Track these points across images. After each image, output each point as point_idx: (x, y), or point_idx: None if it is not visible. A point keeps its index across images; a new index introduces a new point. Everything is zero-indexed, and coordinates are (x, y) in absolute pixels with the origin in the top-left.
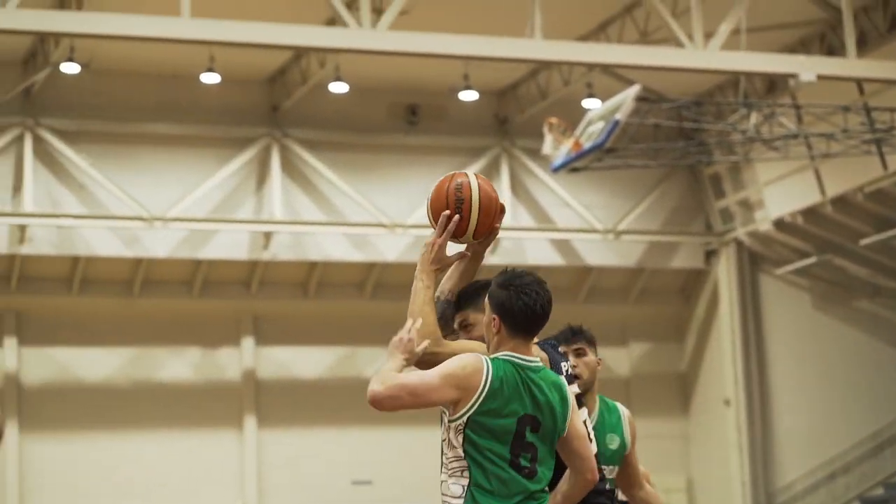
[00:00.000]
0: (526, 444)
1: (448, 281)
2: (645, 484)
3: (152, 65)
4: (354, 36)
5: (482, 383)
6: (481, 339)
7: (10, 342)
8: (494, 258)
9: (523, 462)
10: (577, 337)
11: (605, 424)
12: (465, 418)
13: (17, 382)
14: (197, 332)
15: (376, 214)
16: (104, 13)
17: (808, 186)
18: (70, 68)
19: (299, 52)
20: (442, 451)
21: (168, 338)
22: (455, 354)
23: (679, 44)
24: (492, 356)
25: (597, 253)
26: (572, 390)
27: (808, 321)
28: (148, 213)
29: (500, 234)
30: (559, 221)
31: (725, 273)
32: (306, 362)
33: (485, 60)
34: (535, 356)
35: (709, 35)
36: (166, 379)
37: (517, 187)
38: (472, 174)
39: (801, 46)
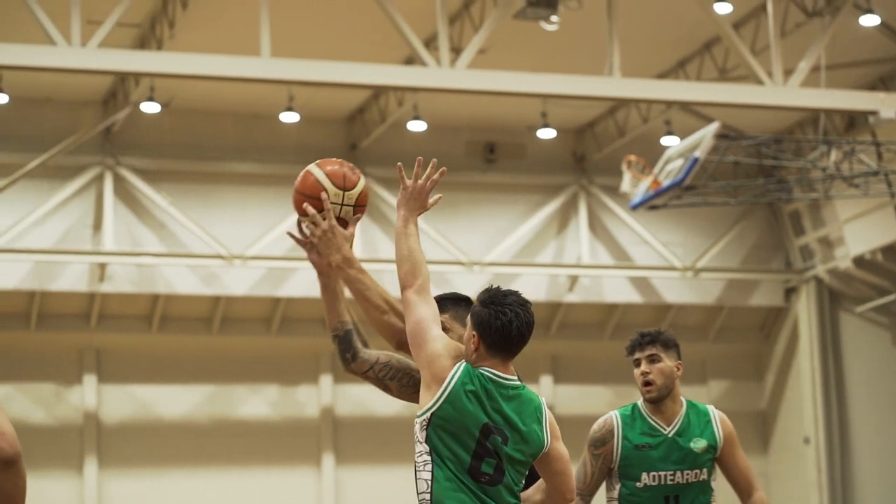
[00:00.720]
0: (490, 451)
1: (331, 316)
2: (757, 489)
3: (232, 104)
4: (433, 75)
5: (451, 377)
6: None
7: (90, 380)
8: (573, 296)
9: (485, 468)
10: (649, 342)
11: (691, 429)
12: (428, 415)
13: (96, 420)
14: (275, 369)
15: (454, 252)
16: (184, 53)
17: (888, 224)
18: (150, 108)
19: (378, 91)
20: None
21: (246, 375)
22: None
23: (758, 81)
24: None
25: (676, 290)
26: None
27: (889, 359)
28: (227, 251)
29: (580, 271)
30: (638, 259)
31: (805, 311)
32: (384, 399)
33: (563, 98)
34: (514, 375)
35: (788, 72)
36: (245, 416)
37: (595, 225)
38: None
39: (880, 83)
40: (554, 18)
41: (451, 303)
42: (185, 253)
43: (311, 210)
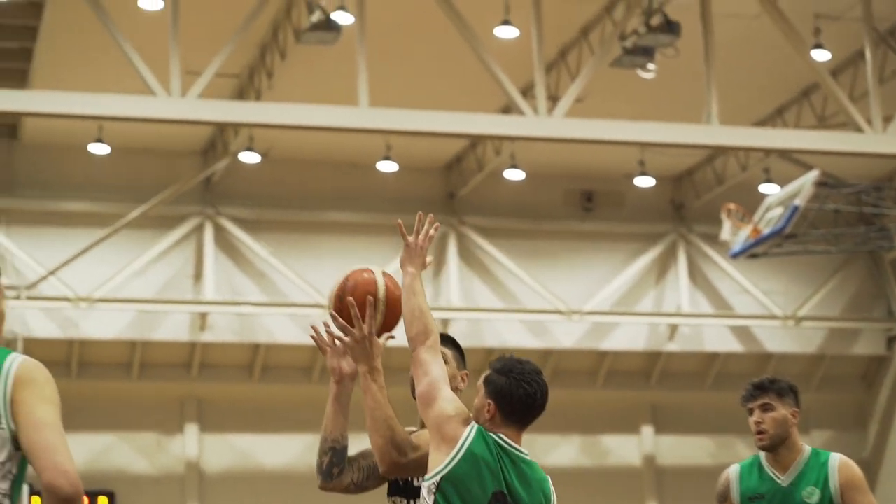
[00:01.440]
0: None
1: (335, 426)
2: None
3: (330, 153)
4: (530, 123)
5: (463, 438)
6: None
7: (192, 429)
8: (672, 345)
9: None
10: (761, 392)
11: (806, 478)
12: (437, 478)
13: (198, 469)
14: None
15: (553, 301)
16: (283, 104)
17: None
18: (249, 157)
19: (475, 140)
20: None
21: (348, 424)
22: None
23: (857, 128)
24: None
25: (777, 340)
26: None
27: None
28: (325, 299)
29: (679, 320)
30: (738, 308)
31: None
32: None
33: (661, 147)
34: (523, 448)
35: (888, 119)
36: None
37: (695, 273)
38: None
39: None
40: (651, 66)
41: (450, 344)
42: (284, 302)
43: (354, 310)
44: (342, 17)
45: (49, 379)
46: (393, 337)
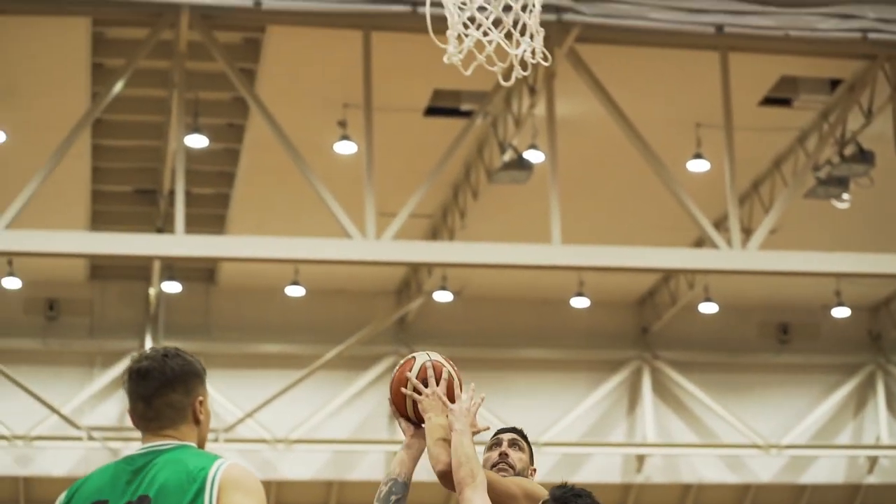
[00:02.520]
0: None
1: (403, 466)
2: None
3: (523, 290)
4: (724, 257)
5: None
6: None
7: None
8: (872, 477)
9: None
10: None
11: None
12: None
13: None
14: None
15: (749, 435)
16: (476, 243)
17: None
18: (443, 297)
19: (668, 274)
20: None
21: None
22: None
23: None
24: None
25: None
26: None
27: None
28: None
29: (879, 452)
30: None
31: None
32: None
33: (857, 277)
34: None
35: None
36: None
37: (894, 404)
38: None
39: None
40: (846, 196)
41: None
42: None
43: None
44: (534, 156)
45: (258, 487)
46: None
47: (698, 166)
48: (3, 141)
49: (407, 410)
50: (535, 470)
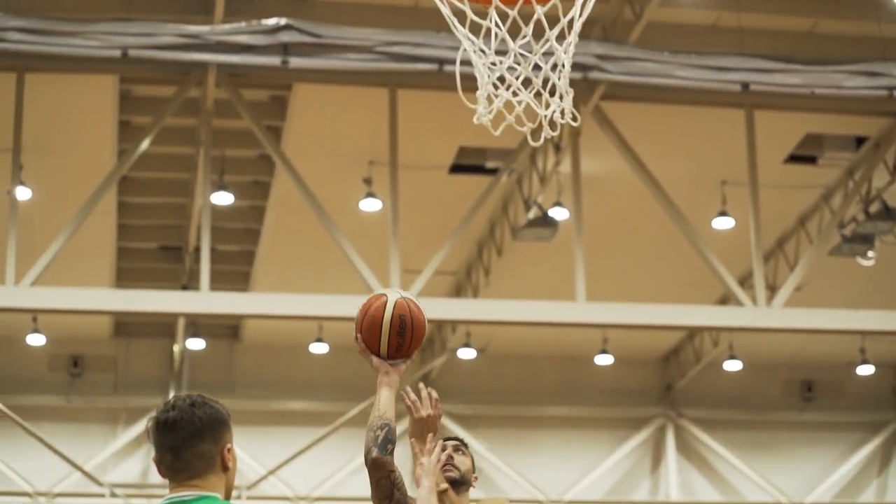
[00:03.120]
0: None
1: (392, 409)
2: None
3: (547, 347)
4: (749, 314)
5: None
6: None
7: None
8: None
9: None
10: None
11: None
12: None
13: None
14: None
15: (774, 493)
16: (500, 300)
17: None
18: (467, 354)
19: (693, 332)
20: None
21: None
22: None
23: None
24: None
25: None
26: None
27: None
28: (544, 495)
29: None
30: None
31: None
32: None
33: (882, 334)
34: None
35: None
36: None
37: None
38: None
39: None
40: (870, 254)
41: None
42: (529, 499)
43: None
44: (558, 213)
45: None
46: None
47: (723, 223)
48: (30, 197)
49: (380, 350)
50: (476, 478)
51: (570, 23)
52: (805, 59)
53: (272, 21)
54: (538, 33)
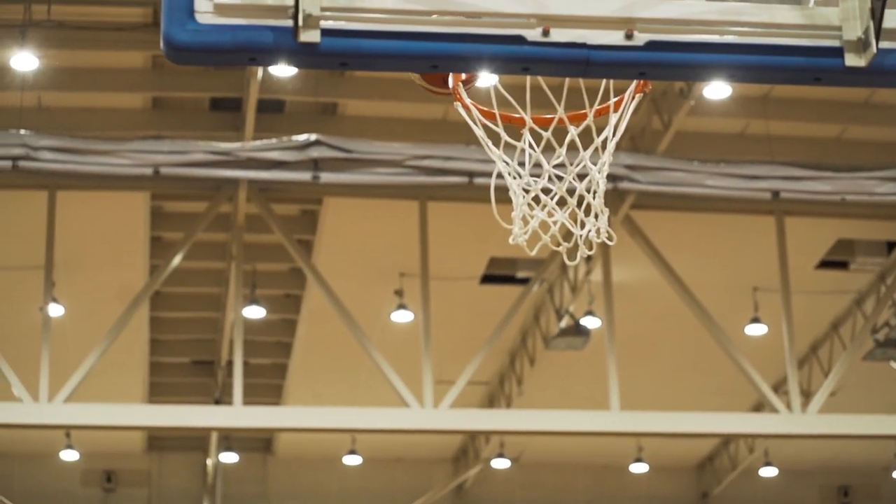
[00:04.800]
0: None
1: None
2: None
3: (581, 456)
4: (784, 421)
5: None
6: None
7: None
8: None
9: None
10: None
11: None
12: None
13: None
14: None
15: None
16: (533, 410)
17: None
18: (500, 464)
19: (728, 439)
20: None
21: None
22: None
23: None
24: None
25: None
26: None
27: None
28: None
29: None
30: None
31: None
32: None
33: None
34: None
35: None
36: None
37: None
38: None
39: None
40: None
41: None
42: None
43: None
44: (590, 322)
45: None
46: None
47: (756, 330)
48: (63, 314)
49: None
50: None
51: (604, 141)
52: (835, 166)
53: (302, 137)
54: (572, 151)
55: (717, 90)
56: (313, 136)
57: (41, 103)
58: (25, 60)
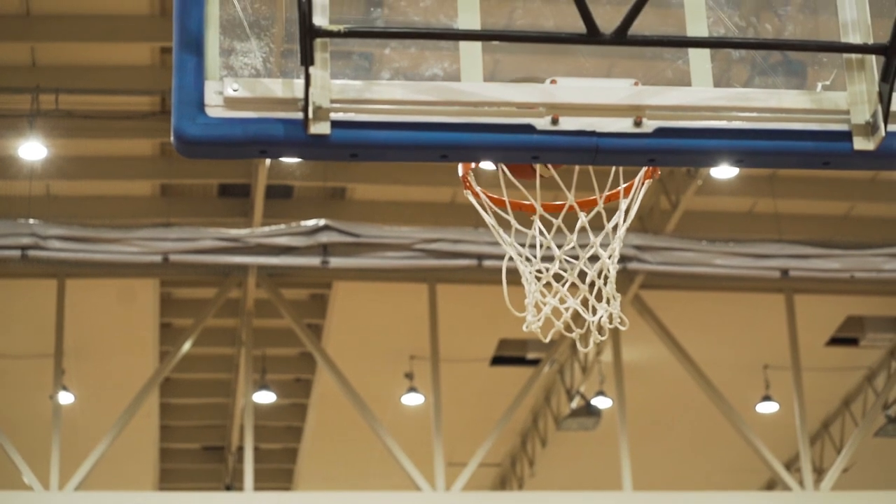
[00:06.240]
0: None
1: None
2: None
3: None
4: (797, 499)
5: None
6: None
7: None
8: None
9: None
10: None
11: None
12: None
13: None
14: None
15: None
16: (546, 492)
17: None
18: None
19: None
20: None
21: None
22: None
23: None
24: None
25: None
26: None
27: None
28: None
29: None
30: None
31: None
32: None
33: None
34: None
35: None
36: None
37: None
38: None
39: None
40: None
41: None
42: None
43: None
44: (602, 402)
45: None
46: None
47: (767, 408)
48: (73, 401)
49: None
50: None
51: (614, 226)
52: (843, 244)
53: (311, 223)
54: (581, 233)
55: (724, 170)
56: (322, 222)
57: (49, 192)
58: (34, 150)
